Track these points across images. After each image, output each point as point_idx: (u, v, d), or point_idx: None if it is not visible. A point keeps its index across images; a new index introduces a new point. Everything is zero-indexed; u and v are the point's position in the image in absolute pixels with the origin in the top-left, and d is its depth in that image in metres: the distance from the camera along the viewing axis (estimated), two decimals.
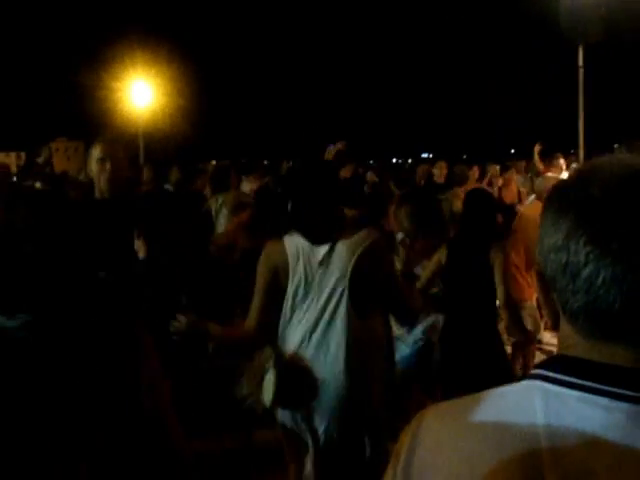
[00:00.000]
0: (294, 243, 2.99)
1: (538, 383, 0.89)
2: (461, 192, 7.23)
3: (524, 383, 0.91)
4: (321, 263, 2.92)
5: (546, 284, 0.92)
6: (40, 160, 10.99)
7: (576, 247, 0.85)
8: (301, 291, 2.96)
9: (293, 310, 2.99)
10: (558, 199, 0.90)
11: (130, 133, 26.67)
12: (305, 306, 2.96)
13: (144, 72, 27.17)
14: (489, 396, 0.94)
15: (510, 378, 1.07)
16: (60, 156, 18.34)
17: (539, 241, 0.92)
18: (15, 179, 11.06)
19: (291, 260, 2.96)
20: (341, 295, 2.91)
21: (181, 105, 27.75)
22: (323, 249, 2.94)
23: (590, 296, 0.85)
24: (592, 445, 0.81)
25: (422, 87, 45.61)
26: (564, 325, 0.92)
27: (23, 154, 21.69)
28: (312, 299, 2.95)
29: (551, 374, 0.89)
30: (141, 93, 27.43)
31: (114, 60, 26.29)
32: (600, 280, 0.83)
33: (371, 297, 3.01)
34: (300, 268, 2.94)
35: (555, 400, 0.86)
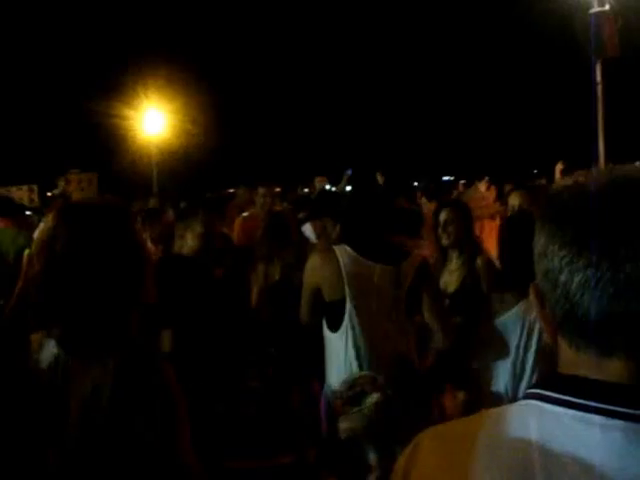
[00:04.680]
0: (348, 259, 3.10)
1: (534, 402, 0.86)
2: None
3: (521, 402, 0.88)
4: (380, 285, 3.06)
5: (541, 297, 0.89)
6: (56, 192, 10.97)
7: (552, 253, 0.84)
8: (362, 311, 3.05)
9: (356, 330, 3.08)
10: (543, 208, 0.90)
11: (143, 162, 26.86)
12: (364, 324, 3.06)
13: (156, 100, 27.40)
14: (485, 417, 0.92)
15: None
16: (74, 188, 18.34)
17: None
18: (30, 213, 11.02)
19: (346, 275, 3.06)
20: (397, 312, 3.08)
21: (193, 132, 27.84)
22: (381, 269, 3.08)
23: (568, 304, 0.82)
24: (586, 465, 0.78)
25: (441, 110, 45.86)
26: (560, 340, 0.88)
27: (35, 187, 21.72)
28: (374, 319, 3.06)
29: (547, 393, 0.86)
30: (153, 121, 27.65)
31: (126, 88, 26.51)
32: (574, 286, 0.81)
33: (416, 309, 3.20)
34: (356, 285, 3.05)
35: (550, 420, 0.83)
